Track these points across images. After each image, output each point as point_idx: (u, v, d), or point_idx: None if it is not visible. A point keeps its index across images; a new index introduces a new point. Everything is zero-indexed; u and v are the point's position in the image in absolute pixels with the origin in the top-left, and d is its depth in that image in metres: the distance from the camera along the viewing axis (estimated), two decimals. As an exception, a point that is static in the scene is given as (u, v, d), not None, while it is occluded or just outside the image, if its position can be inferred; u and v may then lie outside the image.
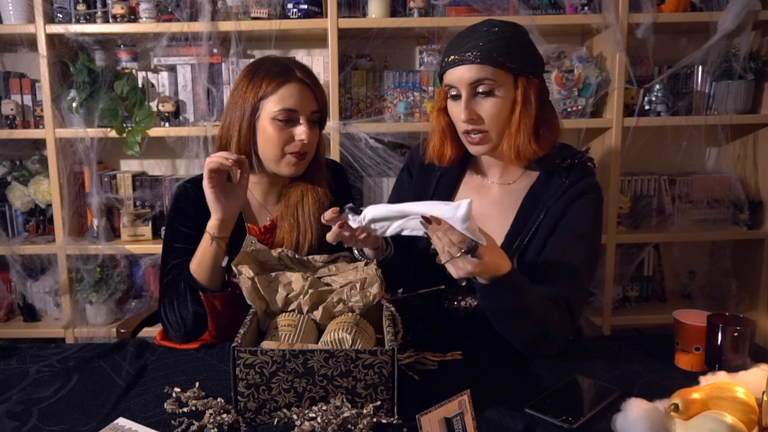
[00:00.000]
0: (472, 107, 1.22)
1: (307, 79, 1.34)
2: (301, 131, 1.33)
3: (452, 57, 1.22)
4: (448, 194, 1.39)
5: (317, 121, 1.38)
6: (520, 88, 1.22)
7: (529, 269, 1.22)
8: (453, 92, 1.25)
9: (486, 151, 1.29)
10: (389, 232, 1.11)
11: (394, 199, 1.52)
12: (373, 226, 1.11)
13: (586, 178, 1.29)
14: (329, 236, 1.17)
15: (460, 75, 1.21)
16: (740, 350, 1.11)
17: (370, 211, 1.09)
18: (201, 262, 1.27)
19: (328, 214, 1.13)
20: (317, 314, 1.14)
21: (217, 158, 1.22)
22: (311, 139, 1.35)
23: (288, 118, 1.32)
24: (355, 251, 1.30)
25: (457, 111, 1.25)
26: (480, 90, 1.21)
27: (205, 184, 1.23)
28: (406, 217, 1.07)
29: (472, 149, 1.29)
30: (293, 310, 1.15)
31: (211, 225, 1.26)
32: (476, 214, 1.16)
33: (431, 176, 1.43)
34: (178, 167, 2.49)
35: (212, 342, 1.30)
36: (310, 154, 1.39)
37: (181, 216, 1.39)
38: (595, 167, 1.36)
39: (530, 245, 1.28)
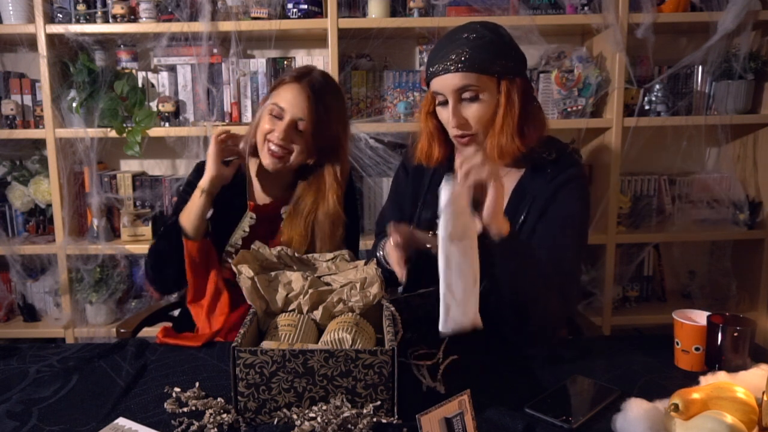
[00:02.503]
0: (459, 113, 1.27)
1: (312, 87, 1.41)
2: (279, 127, 1.41)
3: (437, 66, 1.27)
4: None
5: (304, 131, 1.42)
6: (503, 90, 1.26)
7: None
8: (440, 99, 1.30)
9: (476, 151, 1.32)
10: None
11: (393, 196, 1.56)
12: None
13: (572, 168, 1.33)
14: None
15: (446, 83, 1.26)
16: (740, 350, 1.11)
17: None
18: (188, 211, 1.42)
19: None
20: (317, 314, 1.14)
21: (225, 137, 1.44)
22: (288, 140, 1.42)
23: (277, 114, 1.41)
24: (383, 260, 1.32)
25: (446, 116, 1.30)
26: (466, 96, 1.26)
27: (212, 149, 1.42)
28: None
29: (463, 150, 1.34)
30: (293, 310, 1.15)
31: (204, 181, 1.40)
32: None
33: (425, 174, 1.47)
34: (178, 167, 2.49)
35: (214, 340, 1.31)
36: (289, 159, 1.44)
37: (191, 189, 1.49)
38: (581, 158, 1.38)
39: (521, 234, 1.31)
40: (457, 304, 1.05)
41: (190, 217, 1.41)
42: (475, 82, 1.24)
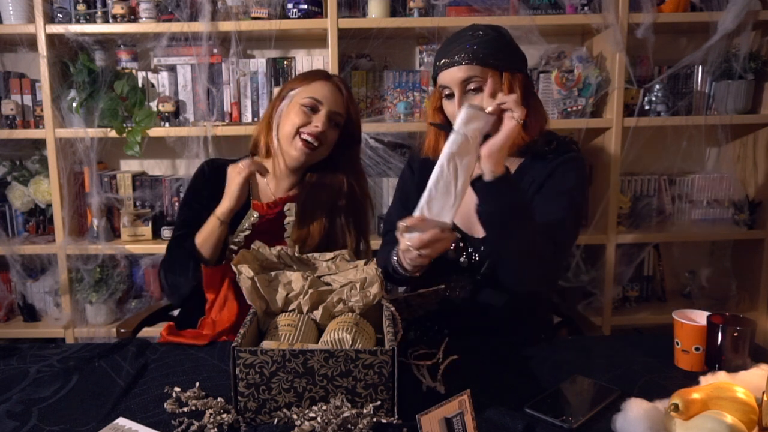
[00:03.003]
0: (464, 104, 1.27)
1: (341, 84, 1.52)
2: (319, 120, 1.45)
3: (443, 61, 1.33)
4: None
5: (338, 124, 1.50)
6: (506, 82, 1.31)
7: None
8: (447, 92, 1.34)
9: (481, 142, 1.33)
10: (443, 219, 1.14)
11: (400, 193, 1.58)
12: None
13: (569, 153, 1.38)
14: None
15: (452, 76, 1.31)
16: (740, 350, 1.11)
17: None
18: (206, 240, 1.42)
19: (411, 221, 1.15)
20: (317, 314, 1.14)
21: (252, 166, 1.41)
22: (326, 132, 1.47)
23: (312, 106, 1.46)
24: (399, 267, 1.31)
25: (452, 109, 1.33)
26: (470, 87, 1.30)
27: (240, 181, 1.39)
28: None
29: None
30: (293, 310, 1.15)
31: (222, 211, 1.40)
32: (472, 201, 1.22)
33: (431, 170, 1.45)
34: (178, 167, 2.49)
35: (216, 339, 1.31)
36: (320, 151, 1.49)
37: (195, 194, 1.54)
38: (579, 147, 1.44)
39: None
40: (429, 218, 1.11)
41: (208, 245, 1.42)
42: (479, 74, 1.29)
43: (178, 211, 1.61)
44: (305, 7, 2.16)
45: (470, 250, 1.37)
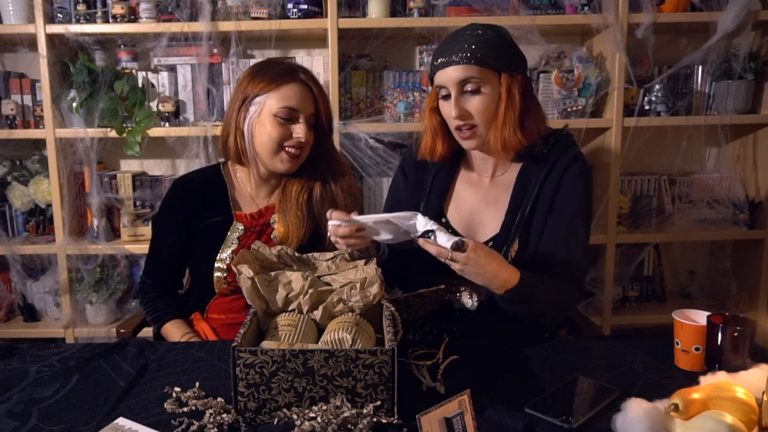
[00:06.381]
0: (461, 104, 1.30)
1: (309, 81, 1.44)
2: (300, 130, 1.41)
3: (441, 60, 1.31)
4: (443, 190, 1.44)
5: (314, 123, 1.46)
6: (504, 84, 1.29)
7: (534, 246, 1.32)
8: (443, 92, 1.33)
9: (477, 145, 1.35)
10: (377, 239, 1.23)
11: (391, 199, 1.57)
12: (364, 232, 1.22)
13: (569, 148, 1.37)
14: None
15: (449, 75, 1.29)
16: (740, 350, 1.11)
17: (358, 218, 1.21)
18: (169, 336, 1.47)
19: (336, 214, 1.23)
20: (317, 314, 1.14)
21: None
22: (308, 139, 1.43)
23: (289, 117, 1.40)
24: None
25: (448, 109, 1.32)
26: (468, 88, 1.29)
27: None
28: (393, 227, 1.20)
29: (465, 144, 1.36)
30: (293, 310, 1.15)
31: (186, 339, 1.43)
32: (472, 206, 1.23)
33: (426, 175, 1.48)
34: (178, 167, 2.49)
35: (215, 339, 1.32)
36: (304, 154, 1.46)
37: (163, 211, 1.54)
38: (575, 138, 1.43)
39: (531, 220, 1.35)
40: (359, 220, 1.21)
41: (167, 337, 1.48)
42: (477, 75, 1.27)
43: (152, 229, 1.59)
44: (305, 7, 2.16)
45: None
